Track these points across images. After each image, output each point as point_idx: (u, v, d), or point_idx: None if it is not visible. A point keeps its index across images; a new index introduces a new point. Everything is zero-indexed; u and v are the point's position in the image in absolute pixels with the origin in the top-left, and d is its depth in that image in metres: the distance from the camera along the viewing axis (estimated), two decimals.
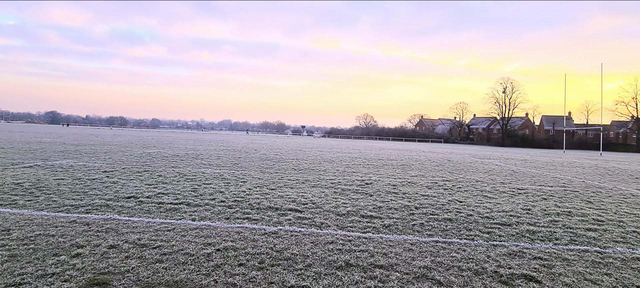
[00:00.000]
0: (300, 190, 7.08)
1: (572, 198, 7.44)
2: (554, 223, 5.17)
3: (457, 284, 2.98)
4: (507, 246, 4.02)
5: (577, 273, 3.28)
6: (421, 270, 3.24)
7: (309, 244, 3.82)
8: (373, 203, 6.04)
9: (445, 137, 75.42)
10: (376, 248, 3.77)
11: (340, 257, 3.48)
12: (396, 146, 35.73)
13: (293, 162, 13.16)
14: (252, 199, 6.03)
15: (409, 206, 5.94)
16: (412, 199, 6.57)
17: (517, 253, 3.78)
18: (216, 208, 5.28)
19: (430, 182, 9.09)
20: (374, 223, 4.78)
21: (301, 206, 5.65)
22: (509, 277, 3.17)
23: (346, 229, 4.48)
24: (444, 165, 14.13)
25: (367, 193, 7.04)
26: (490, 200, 6.83)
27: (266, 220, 4.76)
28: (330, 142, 40.06)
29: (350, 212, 5.40)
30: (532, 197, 7.32)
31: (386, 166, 12.87)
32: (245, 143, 27.84)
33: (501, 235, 4.46)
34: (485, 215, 5.51)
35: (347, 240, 4.03)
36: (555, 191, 8.33)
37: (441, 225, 4.80)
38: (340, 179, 8.90)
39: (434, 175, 10.50)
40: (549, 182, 10.02)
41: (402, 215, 5.33)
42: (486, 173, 11.69)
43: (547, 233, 4.59)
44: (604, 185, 9.80)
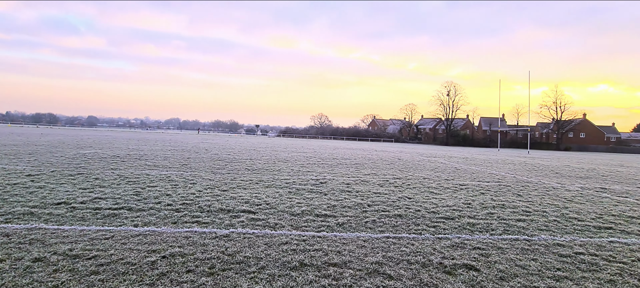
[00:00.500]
0: (253, 191, 6.91)
1: (505, 192, 8.21)
2: (490, 215, 5.65)
3: (407, 277, 3.12)
4: (451, 238, 4.30)
5: (510, 260, 3.62)
6: (373, 266, 3.33)
7: (262, 246, 3.74)
8: (327, 202, 6.11)
9: (396, 136, 79.08)
10: (330, 247, 3.81)
11: (295, 257, 3.46)
12: (350, 145, 36.62)
13: (247, 162, 12.84)
14: (202, 202, 5.76)
15: (362, 204, 6.10)
16: (365, 197, 6.76)
17: (459, 245, 4.06)
18: (162, 213, 4.94)
19: (382, 180, 9.44)
20: (329, 222, 4.82)
21: (255, 207, 5.52)
22: (452, 267, 3.39)
23: (301, 229, 4.46)
24: (394, 164, 14.77)
25: (322, 192, 7.10)
26: (436, 196, 7.27)
27: (217, 223, 4.57)
28: (285, 142, 39.86)
29: (305, 211, 5.39)
30: (472, 192, 7.94)
31: (340, 165, 13.11)
32: (196, 142, 26.55)
33: (445, 228, 4.77)
34: (431, 210, 5.85)
35: (301, 240, 4.02)
36: (491, 186, 9.14)
37: (392, 221, 5.00)
38: (295, 179, 8.87)
39: (386, 174, 10.92)
40: (486, 178, 10.96)
41: (356, 212, 5.46)
42: (432, 171, 12.45)
43: (484, 225, 5.00)
44: (531, 180, 10.97)
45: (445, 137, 71.47)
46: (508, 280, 3.13)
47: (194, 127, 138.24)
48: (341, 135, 75.75)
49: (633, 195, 8.62)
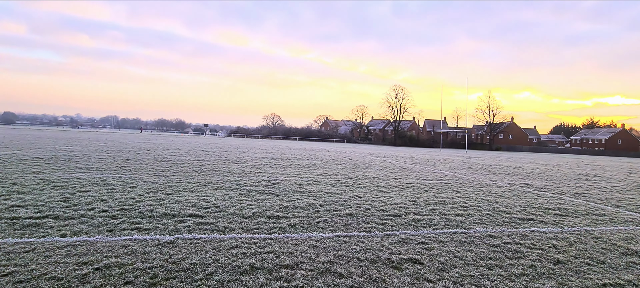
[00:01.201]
0: (201, 194, 6.60)
1: (446, 189, 8.85)
2: (433, 211, 6.05)
3: (357, 274, 3.20)
4: (398, 234, 4.52)
5: (449, 252, 3.90)
6: (325, 265, 3.37)
7: (210, 251, 3.58)
8: (279, 203, 6.05)
9: (348, 137, 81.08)
10: (282, 248, 3.77)
11: (245, 261, 3.36)
12: (303, 146, 36.73)
13: (194, 163, 12.22)
14: (144, 206, 5.35)
15: (314, 204, 6.15)
16: (317, 197, 6.81)
17: (405, 240, 4.28)
18: (95, 220, 4.49)
19: (334, 180, 9.61)
20: (281, 223, 4.77)
21: (202, 211, 5.27)
22: (399, 262, 3.56)
23: (251, 232, 4.35)
24: (346, 164, 15.13)
25: (274, 193, 7.02)
26: (384, 194, 7.59)
27: (161, 229, 4.27)
28: (236, 142, 38.70)
29: (256, 213, 5.28)
30: (417, 190, 8.43)
31: (293, 166, 13.08)
32: (137, 142, 24.58)
33: (393, 225, 5.00)
34: (380, 208, 6.09)
35: (252, 243, 3.92)
36: (434, 184, 9.79)
37: (343, 221, 5.11)
38: (246, 180, 8.65)
39: (338, 174, 11.13)
40: (430, 177, 11.72)
41: (308, 213, 5.48)
42: (382, 171, 12.98)
43: (428, 221, 5.34)
44: (468, 177, 11.97)
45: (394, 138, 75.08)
46: (448, 271, 3.37)
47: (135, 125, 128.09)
48: (294, 136, 75.64)
49: (550, 189, 9.84)
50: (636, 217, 6.45)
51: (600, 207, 7.36)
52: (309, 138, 74.79)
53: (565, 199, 8.13)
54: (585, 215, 6.35)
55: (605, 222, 5.91)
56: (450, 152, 41.18)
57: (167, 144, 25.80)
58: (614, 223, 5.85)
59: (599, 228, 5.42)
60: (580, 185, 11.16)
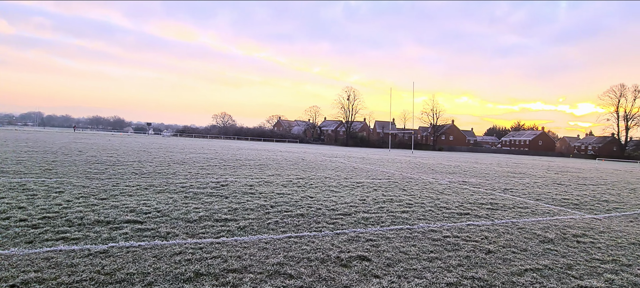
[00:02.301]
0: (142, 198, 6.12)
1: (393, 188, 9.27)
2: (381, 209, 6.29)
3: (306, 274, 3.20)
4: (348, 233, 4.62)
5: (395, 248, 4.09)
6: (274, 267, 3.32)
7: (150, 259, 3.33)
8: (228, 206, 5.84)
9: (301, 137, 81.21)
10: (230, 252, 3.64)
11: (190, 267, 3.18)
12: (254, 146, 35.96)
13: (134, 165, 11.31)
14: (72, 214, 4.81)
15: (265, 205, 6.04)
16: (268, 198, 6.71)
17: (354, 238, 4.39)
18: (11, 231, 3.93)
19: (286, 180, 9.54)
20: (229, 226, 4.61)
21: (142, 216, 4.89)
22: (348, 260, 3.63)
23: (197, 236, 4.14)
24: (298, 164, 15.13)
25: (223, 195, 6.76)
26: (335, 194, 7.72)
27: (92, 237, 3.88)
28: (183, 142, 36.63)
29: (203, 217, 5.04)
30: (366, 189, 8.71)
31: (244, 166, 12.74)
32: (66, 142, 22.07)
33: (343, 224, 5.10)
34: (331, 207, 6.18)
35: (198, 248, 3.73)
36: (383, 183, 10.20)
37: (294, 221, 5.09)
38: (193, 182, 8.22)
39: (290, 174, 11.08)
40: (379, 176, 12.19)
41: (258, 214, 5.36)
42: (333, 171, 13.20)
43: (376, 218, 5.53)
44: (413, 176, 12.67)
45: (346, 138, 76.91)
46: (393, 266, 3.52)
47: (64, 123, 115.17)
48: (245, 136, 73.80)
49: (483, 186, 10.81)
50: (552, 209, 7.35)
51: (524, 200, 8.26)
52: (261, 138, 73.55)
53: (496, 195, 8.99)
54: (511, 209, 7.07)
55: (527, 214, 6.64)
56: (398, 152, 43.30)
57: (102, 143, 23.54)
58: (534, 215, 6.60)
59: (523, 219, 6.08)
60: (508, 182, 12.42)
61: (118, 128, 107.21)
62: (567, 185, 12.36)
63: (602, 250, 4.47)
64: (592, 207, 7.87)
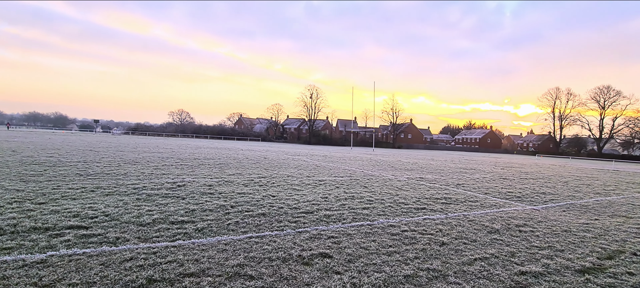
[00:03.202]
0: (87, 201, 5.65)
1: (355, 185, 9.45)
2: (343, 206, 6.39)
3: (267, 274, 3.15)
4: (309, 231, 4.63)
5: (356, 244, 4.17)
6: (234, 269, 3.23)
7: (97, 267, 3.08)
8: (185, 207, 5.58)
9: (263, 135, 79.98)
10: (187, 256, 3.48)
11: (142, 274, 2.99)
12: (215, 144, 34.74)
13: (78, 165, 10.42)
14: (3, 221, 4.31)
15: (225, 205, 5.86)
16: (229, 198, 6.52)
17: (316, 236, 4.41)
18: None
19: (247, 179, 9.34)
20: (186, 229, 4.41)
21: (88, 221, 4.51)
22: (309, 257, 3.64)
23: (151, 240, 3.91)
24: (260, 163, 14.89)
25: (179, 196, 6.45)
26: (298, 192, 7.70)
27: (28, 246, 3.50)
28: (136, 140, 34.41)
29: (157, 219, 4.76)
30: (329, 187, 8.79)
31: (203, 166, 12.26)
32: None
33: (305, 222, 5.10)
34: (293, 206, 6.15)
35: (151, 253, 3.52)
36: (345, 180, 10.37)
37: (255, 221, 4.99)
38: (146, 183, 7.75)
39: (251, 173, 10.87)
40: (341, 174, 12.37)
41: (218, 215, 5.19)
42: (296, 169, 13.16)
43: (338, 216, 5.61)
44: (374, 173, 13.03)
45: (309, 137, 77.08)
46: (354, 262, 3.59)
47: None
48: (205, 134, 71.09)
49: (439, 181, 11.41)
50: (498, 202, 7.95)
51: (474, 194, 8.85)
52: (221, 136, 71.34)
53: (450, 189, 9.53)
54: (463, 202, 7.53)
55: (477, 207, 7.12)
56: (360, 150, 44.24)
57: (41, 142, 21.38)
58: (483, 207, 7.09)
59: (473, 212, 6.51)
60: (460, 177, 13.23)
61: (60, 125, 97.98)
62: (511, 180, 13.45)
63: (540, 238, 4.92)
64: (532, 199, 8.63)
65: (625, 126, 63.83)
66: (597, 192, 11.03)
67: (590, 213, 7.06)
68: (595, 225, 5.98)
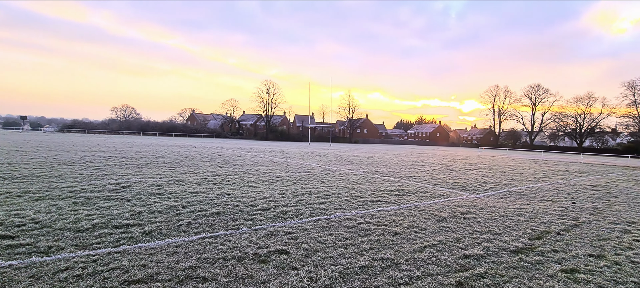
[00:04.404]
0: (12, 208, 5.02)
1: (312, 180, 9.51)
2: (300, 202, 6.39)
3: (222, 275, 3.05)
4: (266, 228, 4.56)
5: (313, 238, 4.20)
6: (186, 272, 3.08)
7: (25, 280, 2.76)
8: (131, 210, 5.20)
9: (217, 132, 77.12)
10: (133, 262, 3.24)
11: (80, 284, 2.74)
12: (164, 142, 32.76)
13: (1, 168, 9.22)
14: None
15: (176, 206, 5.56)
16: (180, 198, 6.20)
17: (273, 233, 4.36)
18: None
19: (200, 178, 8.96)
20: (132, 232, 4.11)
21: (13, 229, 4.01)
22: (266, 255, 3.59)
23: (90, 247, 3.58)
24: (214, 160, 14.36)
25: (124, 198, 5.99)
26: (254, 189, 7.55)
27: None
28: (73, 139, 31.25)
29: (98, 224, 4.38)
30: (286, 183, 8.74)
31: (151, 165, 11.51)
32: None
33: (262, 219, 5.02)
34: (249, 203, 6.02)
35: (90, 261, 3.23)
36: (302, 176, 10.38)
37: (209, 221, 4.80)
38: (85, 185, 7.09)
39: (205, 171, 10.43)
40: (299, 169, 12.36)
41: (167, 217, 4.91)
42: (252, 165, 12.90)
43: (295, 211, 5.60)
44: (331, 168, 13.21)
45: (266, 133, 75.94)
46: (311, 256, 3.61)
47: None
48: (153, 131, 66.75)
49: (392, 174, 11.90)
50: (446, 192, 8.50)
51: (425, 185, 9.37)
52: (172, 133, 67.57)
53: (402, 182, 9.98)
54: (415, 193, 7.94)
55: (427, 197, 7.54)
56: (317, 146, 44.57)
57: None
58: (432, 197, 7.53)
59: (423, 202, 6.88)
60: (412, 170, 13.92)
61: None
62: (457, 171, 14.46)
63: (481, 223, 5.35)
64: (475, 188, 9.35)
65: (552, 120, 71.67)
66: (529, 180, 12.27)
67: (524, 199, 7.84)
68: (527, 209, 6.64)
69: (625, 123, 52.20)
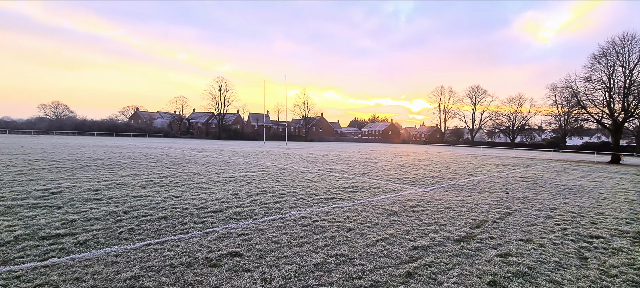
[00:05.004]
0: None
1: (267, 179, 9.36)
2: (254, 202, 6.25)
3: (168, 283, 2.87)
4: (218, 231, 4.38)
5: (268, 238, 4.12)
6: (127, 283, 2.84)
7: None
8: (62, 218, 4.67)
9: (165, 131, 72.55)
10: (64, 276, 2.92)
11: None
12: (104, 142, 30.00)
13: None
14: None
15: (116, 212, 5.12)
16: (121, 203, 5.71)
17: (225, 235, 4.20)
18: None
19: (146, 180, 8.35)
20: (63, 243, 3.69)
21: None
22: (217, 258, 3.45)
23: (12, 263, 3.15)
24: (162, 161, 13.50)
25: (54, 205, 5.37)
26: (205, 190, 7.22)
27: None
28: None
29: (22, 236, 3.87)
30: (240, 183, 8.50)
31: (87, 168, 10.47)
32: None
33: (213, 221, 4.81)
34: (200, 206, 5.74)
35: (13, 277, 2.84)
36: (257, 175, 10.17)
37: (155, 226, 4.49)
38: (5, 192, 6.24)
39: (150, 173, 9.75)
40: (253, 168, 12.10)
41: (106, 224, 4.49)
42: (204, 166, 12.34)
43: (249, 212, 5.46)
44: (286, 167, 13.12)
45: (218, 132, 73.19)
46: (265, 257, 3.54)
47: None
48: (90, 130, 60.88)
49: (347, 171, 12.15)
50: (397, 187, 8.88)
51: (377, 182, 9.71)
52: (113, 133, 62.31)
53: (356, 178, 10.24)
54: (368, 190, 8.18)
55: (379, 192, 7.82)
56: (272, 144, 44.03)
57: None
58: (384, 193, 7.82)
59: (376, 198, 7.12)
60: (366, 166, 14.35)
61: None
62: (408, 167, 15.21)
63: (429, 215, 5.68)
64: (423, 183, 9.91)
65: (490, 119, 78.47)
66: (470, 173, 13.30)
67: (466, 192, 8.47)
68: (469, 201, 7.19)
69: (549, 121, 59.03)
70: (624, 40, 26.29)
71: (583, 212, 6.51)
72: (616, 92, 26.50)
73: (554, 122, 58.81)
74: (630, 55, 26.08)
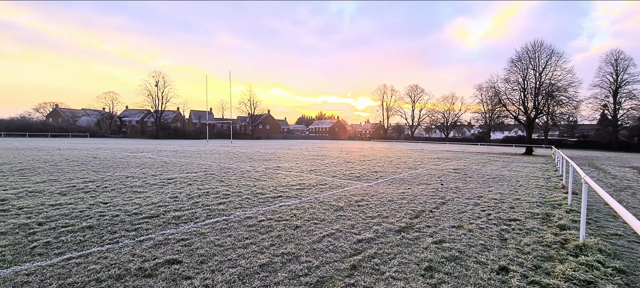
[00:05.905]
0: None
1: (210, 180, 8.92)
2: (196, 204, 5.91)
3: None
4: (154, 237, 4.05)
5: (210, 242, 3.92)
6: None
7: None
8: None
9: (92, 130, 65.23)
10: None
11: None
12: (13, 144, 25.93)
13: None
14: None
15: (28, 224, 4.45)
16: (35, 214, 4.99)
17: (162, 242, 3.90)
18: None
19: (67, 186, 7.41)
20: None
21: None
22: (153, 268, 3.18)
23: None
24: (87, 164, 12.11)
25: None
26: (139, 195, 6.64)
27: None
28: None
29: None
30: (179, 185, 7.98)
31: None
32: None
33: (149, 228, 4.44)
34: (133, 212, 5.26)
35: None
36: (199, 176, 9.64)
37: (77, 237, 3.99)
38: None
39: (73, 177, 8.68)
40: (195, 169, 11.45)
41: (15, 239, 3.88)
42: (138, 168, 11.36)
43: (190, 215, 5.14)
44: (231, 166, 12.67)
45: (156, 130, 67.95)
46: (207, 262, 3.36)
47: None
48: None
49: (294, 169, 12.12)
50: (343, 182, 9.10)
51: (324, 178, 9.84)
52: (26, 133, 54.43)
53: (304, 176, 10.26)
54: (315, 186, 8.25)
55: (326, 188, 7.93)
56: (217, 143, 42.21)
57: None
58: (331, 189, 7.96)
59: (323, 194, 7.21)
60: (314, 163, 14.48)
61: None
62: (353, 163, 15.68)
63: (372, 209, 5.90)
64: (368, 177, 10.30)
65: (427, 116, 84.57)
66: (410, 167, 14.17)
67: (406, 184, 8.99)
68: (409, 193, 7.64)
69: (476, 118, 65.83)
70: (535, 47, 30.34)
71: (503, 198, 7.33)
72: (529, 92, 30.40)
73: (480, 119, 65.43)
74: (539, 60, 30.13)
